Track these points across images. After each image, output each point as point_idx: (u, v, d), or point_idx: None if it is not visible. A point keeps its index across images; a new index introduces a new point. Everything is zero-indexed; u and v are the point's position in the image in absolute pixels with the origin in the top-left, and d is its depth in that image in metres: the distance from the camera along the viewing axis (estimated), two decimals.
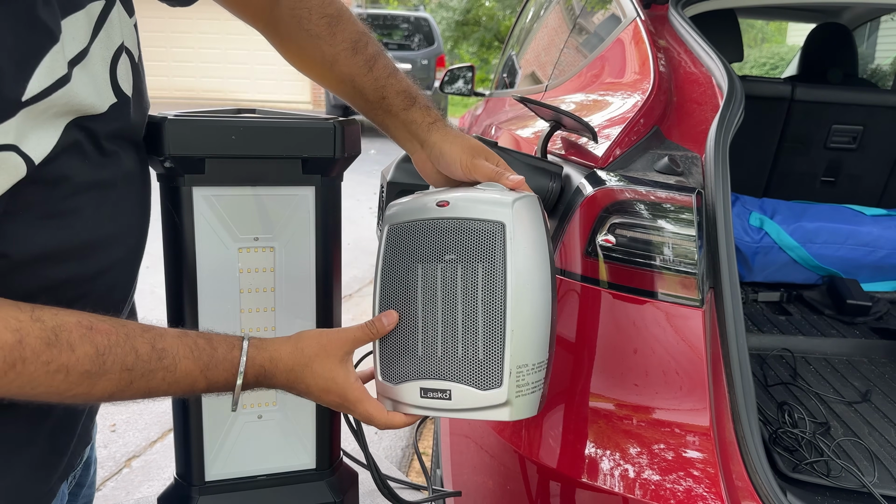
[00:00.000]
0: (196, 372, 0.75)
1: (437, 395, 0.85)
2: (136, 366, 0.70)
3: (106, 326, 0.69)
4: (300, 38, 0.98)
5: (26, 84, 0.62)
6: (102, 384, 0.69)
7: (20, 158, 0.63)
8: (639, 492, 1.01)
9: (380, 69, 0.98)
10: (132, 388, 0.71)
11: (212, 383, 0.77)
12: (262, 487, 1.04)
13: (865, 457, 1.28)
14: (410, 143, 1.00)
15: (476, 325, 0.83)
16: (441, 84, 3.81)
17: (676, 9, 1.65)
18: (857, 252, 2.11)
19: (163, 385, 0.73)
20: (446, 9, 21.27)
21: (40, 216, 0.69)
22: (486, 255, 0.82)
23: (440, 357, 0.85)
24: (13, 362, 0.62)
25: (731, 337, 1.06)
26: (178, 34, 13.05)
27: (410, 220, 0.86)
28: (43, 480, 0.81)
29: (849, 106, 2.35)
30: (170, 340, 0.74)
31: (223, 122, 0.92)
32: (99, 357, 0.68)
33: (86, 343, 0.67)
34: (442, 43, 12.26)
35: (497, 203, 0.84)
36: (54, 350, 0.65)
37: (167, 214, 0.95)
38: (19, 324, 0.63)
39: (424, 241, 0.85)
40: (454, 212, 0.84)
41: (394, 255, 0.87)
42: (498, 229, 0.82)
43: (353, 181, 1.49)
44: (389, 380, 0.87)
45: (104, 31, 0.73)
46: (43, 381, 0.65)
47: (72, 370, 0.66)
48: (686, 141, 1.27)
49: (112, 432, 2.71)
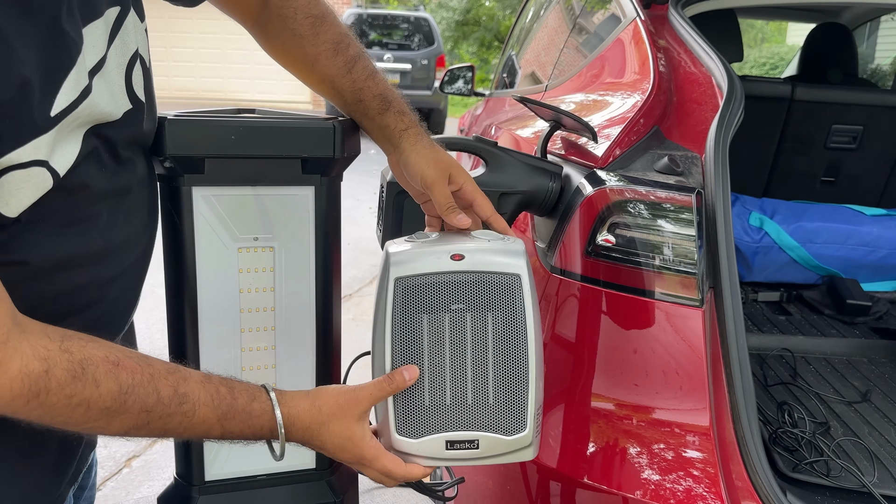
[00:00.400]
0: (213, 420, 0.75)
1: (464, 446, 0.85)
2: (156, 408, 0.70)
3: (132, 364, 0.69)
4: (285, 37, 0.99)
5: (54, 99, 0.63)
6: (120, 421, 0.69)
7: (48, 173, 0.64)
8: (639, 492, 1.01)
9: (359, 71, 0.99)
10: (148, 428, 0.71)
11: (226, 432, 0.77)
12: (262, 487, 1.04)
13: (865, 457, 1.28)
14: (385, 147, 1.02)
15: (503, 373, 0.84)
16: (441, 84, 3.80)
17: (676, 9, 1.65)
18: (857, 252, 2.11)
19: (178, 428, 0.73)
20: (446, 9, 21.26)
21: (60, 224, 0.70)
22: (508, 305, 0.84)
23: (468, 408, 0.85)
24: (38, 392, 0.63)
25: (731, 337, 1.06)
26: (178, 34, 13.05)
27: (423, 274, 0.84)
28: (55, 484, 0.81)
29: (849, 106, 2.35)
30: (193, 385, 0.73)
31: (223, 122, 0.92)
32: (121, 395, 0.67)
33: (111, 380, 0.67)
34: (442, 43, 12.25)
35: (511, 255, 0.85)
36: (79, 384, 0.64)
37: (167, 214, 0.95)
38: (48, 353, 0.63)
39: (442, 294, 0.84)
40: (470, 265, 0.84)
41: (407, 308, 0.84)
42: (516, 281, 0.84)
43: (353, 181, 1.49)
44: (409, 435, 0.85)
45: (119, 38, 0.73)
46: (63, 412, 0.65)
47: (93, 405, 0.66)
48: (686, 141, 1.27)
49: None
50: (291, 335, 1.02)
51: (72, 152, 0.67)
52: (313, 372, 1.04)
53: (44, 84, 0.62)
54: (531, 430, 0.85)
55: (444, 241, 0.88)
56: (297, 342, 1.02)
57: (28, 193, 0.63)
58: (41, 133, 0.62)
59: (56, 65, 0.63)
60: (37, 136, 0.62)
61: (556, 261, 1.17)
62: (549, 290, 1.17)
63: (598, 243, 1.10)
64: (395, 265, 0.84)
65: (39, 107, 0.62)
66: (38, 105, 0.61)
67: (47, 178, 0.64)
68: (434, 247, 0.86)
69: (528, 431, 0.84)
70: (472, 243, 0.87)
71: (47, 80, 0.62)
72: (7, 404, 0.62)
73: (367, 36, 11.51)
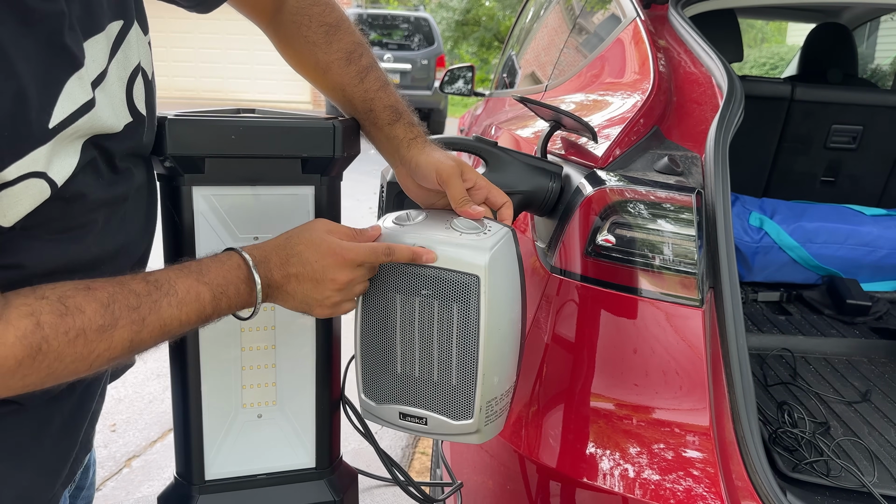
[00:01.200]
0: (194, 283, 0.76)
1: (414, 420, 0.94)
2: (141, 303, 0.71)
3: (100, 283, 0.71)
4: (298, 44, 1.00)
5: (52, 111, 0.63)
6: (119, 333, 0.70)
7: (46, 183, 0.65)
8: (639, 492, 1.01)
9: (371, 81, 1.00)
10: (147, 328, 0.72)
11: (215, 288, 0.77)
12: (262, 486, 1.04)
13: (865, 457, 1.28)
14: (392, 158, 1.02)
15: (450, 364, 0.90)
16: (441, 84, 3.81)
17: (676, 9, 1.65)
18: (857, 252, 2.11)
19: (172, 311, 0.74)
20: (446, 9, 21.26)
21: (55, 231, 0.70)
22: (462, 303, 0.88)
23: (416, 386, 0.93)
24: (39, 345, 0.64)
25: (731, 337, 1.06)
26: (178, 34, 13.06)
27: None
28: (47, 486, 0.81)
29: (849, 106, 2.35)
30: (159, 272, 0.76)
31: (223, 122, 0.92)
32: (106, 309, 0.69)
33: (91, 301, 0.68)
34: (442, 43, 12.25)
35: (475, 253, 0.88)
36: (68, 318, 0.66)
37: (167, 214, 0.95)
38: (30, 307, 0.64)
39: (411, 281, 0.90)
40: (436, 261, 0.88)
41: (375, 288, 0.91)
42: (473, 282, 0.87)
43: (352, 181, 1.49)
44: (372, 399, 0.96)
45: (122, 52, 0.74)
46: (67, 352, 0.66)
47: (88, 330, 0.67)
48: (686, 141, 1.27)
49: (112, 432, 2.71)
50: (291, 335, 1.02)
51: (70, 163, 0.67)
52: (313, 371, 1.04)
53: (41, 96, 0.62)
54: (477, 419, 0.91)
55: (424, 228, 0.92)
56: (297, 342, 1.03)
57: (25, 204, 0.64)
58: (39, 145, 0.62)
59: (52, 77, 0.63)
60: (34, 148, 0.62)
61: (556, 261, 1.17)
62: (549, 290, 1.17)
63: (598, 243, 1.10)
64: None
65: (37, 119, 0.62)
66: (35, 117, 0.62)
67: (45, 188, 0.65)
68: (406, 234, 0.91)
69: (472, 420, 0.91)
70: (443, 235, 0.91)
71: (45, 92, 0.62)
72: (16, 372, 0.64)
73: (367, 36, 11.48)
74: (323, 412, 1.05)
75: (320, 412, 1.05)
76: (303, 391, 1.04)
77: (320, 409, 1.05)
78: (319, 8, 0.99)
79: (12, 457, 0.76)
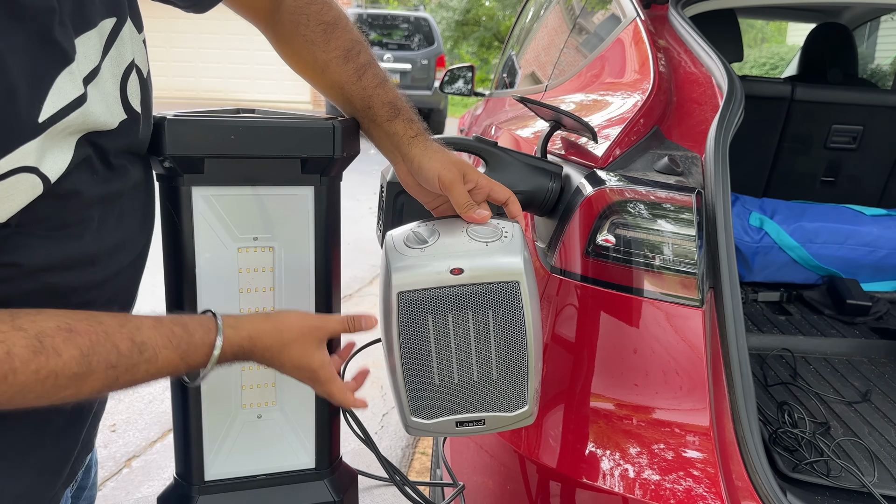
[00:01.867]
0: (177, 360, 0.77)
1: (472, 424, 0.95)
2: (120, 362, 0.71)
3: (84, 326, 0.69)
4: (296, 43, 0.99)
5: (41, 106, 0.63)
6: (90, 383, 0.69)
7: (38, 179, 0.64)
8: (639, 492, 1.01)
9: (369, 78, 0.99)
10: (119, 383, 0.72)
11: (192, 366, 0.79)
12: (261, 487, 1.04)
13: (865, 457, 1.28)
14: (392, 155, 1.01)
15: (501, 363, 0.93)
16: (441, 84, 3.81)
17: (676, 9, 1.65)
18: (857, 252, 2.11)
19: (146, 376, 0.75)
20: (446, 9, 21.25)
21: (51, 228, 0.70)
22: (507, 307, 0.90)
23: (467, 393, 0.94)
24: (5, 374, 0.63)
25: (731, 337, 1.06)
26: (178, 34, 13.05)
27: (425, 289, 0.89)
28: (49, 485, 0.81)
29: (849, 106, 2.35)
30: (147, 333, 0.74)
31: (223, 122, 0.91)
32: (84, 359, 0.68)
33: (70, 346, 0.67)
34: (442, 43, 12.25)
35: (510, 256, 0.91)
36: (41, 357, 0.65)
37: (167, 214, 0.95)
38: (3, 335, 0.63)
39: (445, 303, 0.89)
40: (470, 278, 0.89)
41: (412, 316, 0.90)
42: (514, 288, 0.90)
43: (352, 181, 1.49)
44: (423, 417, 0.95)
45: (115, 49, 0.74)
46: (33, 387, 0.65)
47: (60, 374, 0.66)
48: (686, 141, 1.27)
49: (112, 432, 2.71)
50: None
51: (63, 159, 0.67)
52: None
53: (31, 90, 0.62)
54: (531, 405, 0.95)
55: (443, 246, 0.91)
56: None
57: (17, 199, 0.63)
58: (29, 139, 0.62)
59: (42, 72, 0.63)
60: (24, 142, 0.62)
61: (556, 261, 1.17)
62: (549, 290, 1.17)
63: (598, 243, 1.10)
64: (398, 278, 0.89)
65: (27, 113, 0.62)
66: (25, 111, 0.61)
67: (37, 183, 0.64)
68: (433, 258, 0.90)
69: (528, 406, 0.95)
70: (470, 247, 0.91)
71: (35, 86, 0.62)
72: None
73: (367, 36, 11.49)
74: (323, 412, 1.05)
75: (320, 412, 1.05)
76: (303, 391, 1.04)
77: (320, 409, 1.05)
78: (317, 6, 0.99)
79: (13, 456, 0.76)
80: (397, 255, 0.91)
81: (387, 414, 2.91)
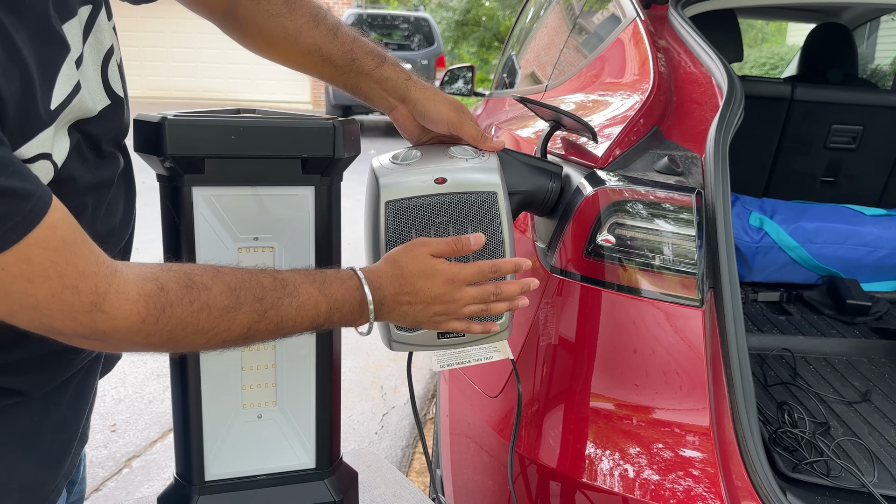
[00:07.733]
0: (316, 293, 0.80)
1: (452, 336, 0.98)
2: (266, 295, 0.75)
3: (229, 268, 0.75)
4: (260, 20, 0.98)
5: (52, 93, 0.64)
6: (241, 318, 0.73)
7: (51, 165, 0.66)
8: (639, 492, 1.01)
9: (344, 34, 1.01)
10: (266, 319, 0.76)
11: (332, 302, 0.82)
12: (261, 487, 1.04)
13: (865, 457, 1.28)
14: (387, 101, 1.04)
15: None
16: (441, 84, 3.80)
17: (676, 9, 1.65)
18: (857, 252, 2.11)
19: (291, 311, 0.78)
20: (446, 9, 21.25)
21: None
22: (486, 219, 0.96)
23: None
24: (163, 307, 0.67)
25: (731, 337, 1.06)
26: (178, 34, 13.04)
27: (411, 197, 0.95)
28: (50, 478, 0.82)
29: (849, 106, 2.35)
30: (286, 273, 0.80)
31: (223, 122, 0.91)
32: (233, 292, 0.72)
33: (218, 281, 0.72)
34: (442, 43, 12.25)
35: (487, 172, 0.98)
36: (193, 291, 0.69)
37: (167, 214, 0.95)
38: (154, 273, 0.68)
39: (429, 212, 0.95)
40: (452, 187, 0.96)
41: (398, 225, 0.96)
42: (492, 199, 0.97)
43: (353, 181, 1.50)
44: (405, 329, 0.98)
45: (93, 36, 0.75)
46: (190, 321, 0.69)
47: (213, 307, 0.71)
48: (686, 141, 1.27)
49: (112, 432, 2.71)
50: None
51: (65, 146, 0.68)
52: (313, 371, 1.04)
53: (42, 80, 0.63)
54: (506, 319, 1.00)
55: (427, 162, 0.98)
56: (297, 342, 1.02)
57: None
58: (45, 126, 0.64)
59: (49, 60, 0.64)
60: (42, 129, 0.63)
61: (556, 261, 1.17)
62: (549, 289, 1.17)
63: (597, 243, 1.10)
64: (385, 189, 0.96)
65: (42, 101, 0.63)
66: (41, 99, 0.63)
67: (51, 170, 0.66)
68: (418, 170, 0.97)
69: (504, 319, 0.99)
70: (452, 164, 0.98)
71: (45, 75, 0.63)
72: (140, 328, 0.66)
73: (367, 36, 11.51)
74: (323, 412, 1.05)
75: (320, 412, 1.05)
76: (303, 391, 1.04)
77: (320, 409, 1.05)
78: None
79: (17, 448, 0.76)
80: (384, 169, 0.98)
81: (387, 414, 2.91)
